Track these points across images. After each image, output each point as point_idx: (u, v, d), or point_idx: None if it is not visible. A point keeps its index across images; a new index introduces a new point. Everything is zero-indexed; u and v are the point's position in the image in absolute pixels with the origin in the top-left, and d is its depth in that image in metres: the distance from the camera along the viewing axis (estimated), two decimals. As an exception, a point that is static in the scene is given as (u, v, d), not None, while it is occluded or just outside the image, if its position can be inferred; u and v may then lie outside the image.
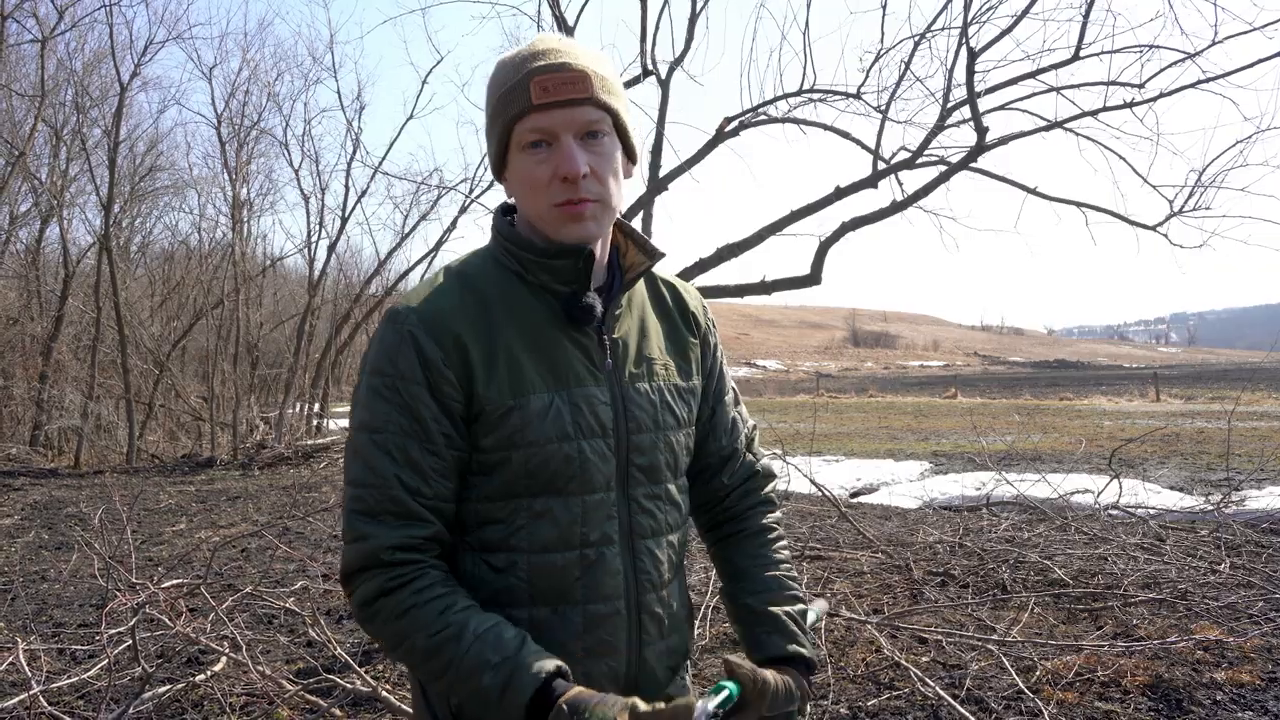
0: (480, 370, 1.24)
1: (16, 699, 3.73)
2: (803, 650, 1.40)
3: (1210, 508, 7.46)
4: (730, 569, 1.50)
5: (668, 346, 1.42)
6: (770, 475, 1.56)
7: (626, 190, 1.36)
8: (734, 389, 1.55)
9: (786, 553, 1.51)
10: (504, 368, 1.25)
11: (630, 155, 1.34)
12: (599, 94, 1.25)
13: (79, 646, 4.73)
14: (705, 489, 1.51)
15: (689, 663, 1.50)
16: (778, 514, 1.55)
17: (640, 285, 1.44)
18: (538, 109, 1.22)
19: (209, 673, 4.04)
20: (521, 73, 1.23)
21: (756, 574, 1.46)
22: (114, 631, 4.01)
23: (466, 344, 1.24)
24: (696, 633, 3.97)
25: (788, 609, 1.43)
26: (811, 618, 1.50)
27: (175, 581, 4.47)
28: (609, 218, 1.30)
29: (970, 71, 5.26)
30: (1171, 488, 9.22)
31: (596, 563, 1.29)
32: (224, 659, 4.06)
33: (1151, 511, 7.40)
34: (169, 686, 3.88)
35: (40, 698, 3.66)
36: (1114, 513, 7.35)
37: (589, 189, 1.24)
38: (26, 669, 3.78)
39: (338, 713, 3.71)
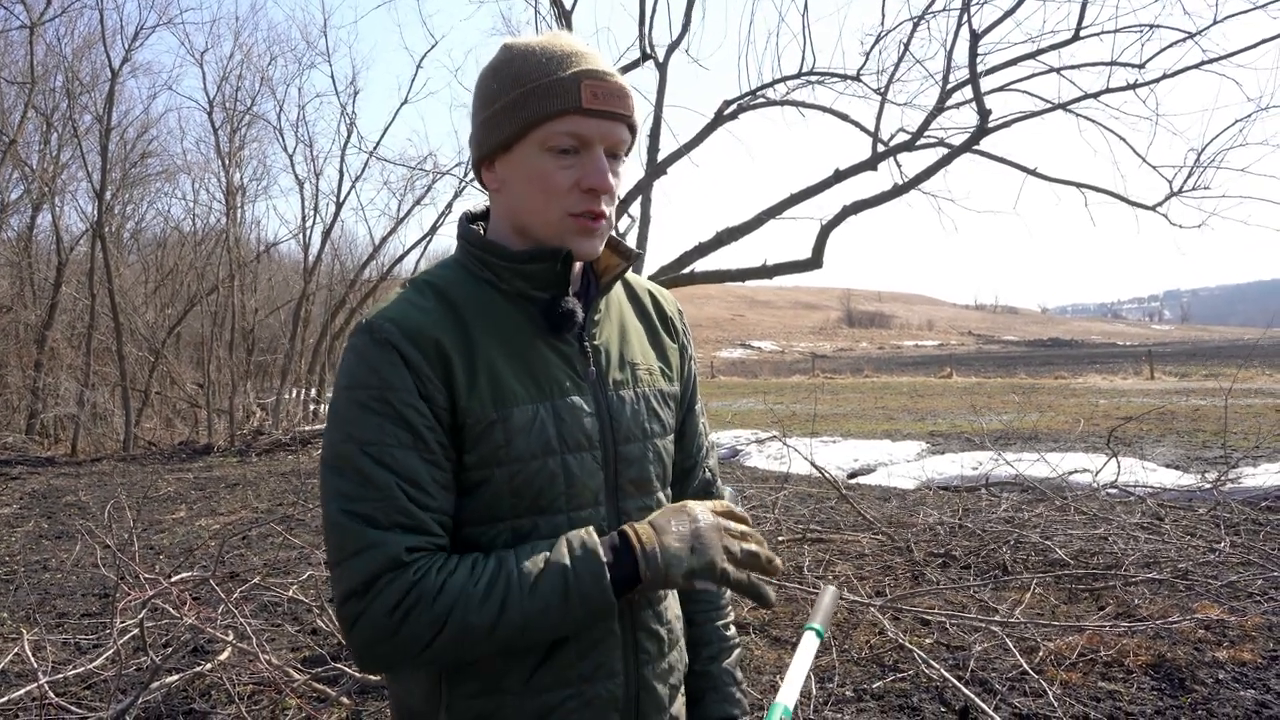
0: (462, 381, 1.17)
1: (24, 690, 3.74)
2: (735, 712, 1.45)
3: (1207, 486, 7.50)
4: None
5: (650, 350, 1.38)
6: (721, 498, 1.52)
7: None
8: (701, 399, 1.51)
9: (729, 592, 1.52)
10: (484, 379, 1.18)
11: None
12: (634, 115, 1.22)
13: (84, 637, 4.74)
14: None
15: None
16: None
17: (617, 288, 1.39)
18: (583, 113, 1.16)
19: (216, 661, 4.05)
20: (567, 70, 1.17)
21: (704, 624, 1.47)
22: (123, 624, 4.01)
23: (448, 351, 1.17)
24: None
25: (726, 663, 1.47)
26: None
27: (184, 575, 4.47)
28: (607, 237, 1.28)
29: (973, 54, 5.25)
30: (1168, 466, 9.26)
31: None
32: (230, 648, 4.07)
33: (1149, 490, 7.44)
34: (177, 676, 3.89)
35: (47, 688, 3.67)
36: (1112, 492, 7.39)
37: (606, 205, 1.21)
38: (32, 660, 3.78)
39: (345, 701, 3.73)
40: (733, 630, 1.51)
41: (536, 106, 1.17)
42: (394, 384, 1.14)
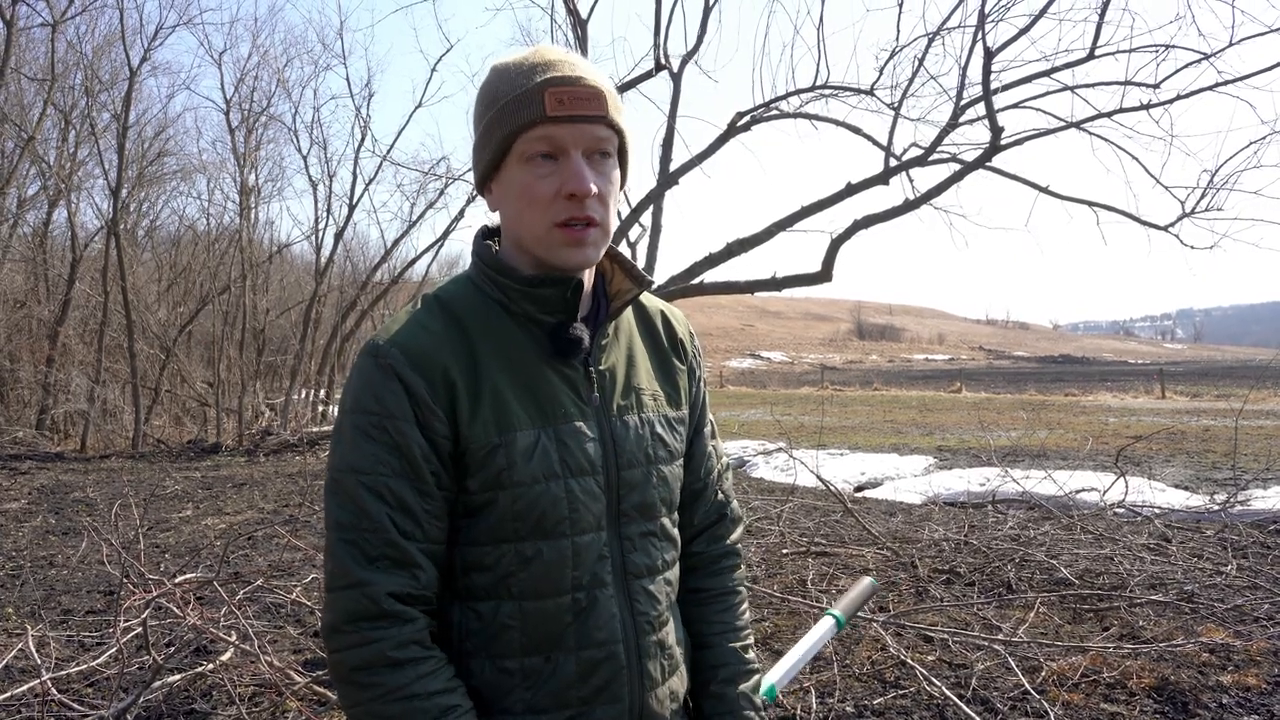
0: (465, 406, 1.18)
1: (26, 686, 3.75)
2: None
3: (1216, 507, 7.46)
4: (693, 634, 1.44)
5: (656, 375, 1.37)
6: (737, 520, 1.51)
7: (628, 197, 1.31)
8: (711, 422, 1.50)
9: (747, 615, 1.49)
10: (488, 404, 1.19)
11: (623, 178, 1.29)
12: (612, 114, 1.20)
13: (88, 634, 4.76)
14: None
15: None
16: (742, 569, 1.51)
17: (627, 312, 1.39)
18: (550, 120, 1.17)
19: (217, 662, 4.06)
20: (533, 82, 1.17)
21: (720, 645, 1.43)
22: (127, 623, 4.02)
23: (454, 378, 1.18)
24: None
25: (744, 686, 1.41)
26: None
27: (188, 577, 4.49)
28: (605, 244, 1.25)
29: (987, 70, 5.25)
30: (1177, 486, 9.21)
31: (589, 607, 1.23)
32: (232, 649, 4.08)
33: (1157, 510, 7.40)
34: (179, 676, 3.90)
35: (50, 685, 3.68)
36: (1119, 511, 7.35)
37: (593, 210, 1.19)
38: (36, 656, 3.79)
39: (346, 704, 3.72)
40: (753, 654, 1.46)
41: (509, 122, 1.19)
42: (394, 412, 1.17)
